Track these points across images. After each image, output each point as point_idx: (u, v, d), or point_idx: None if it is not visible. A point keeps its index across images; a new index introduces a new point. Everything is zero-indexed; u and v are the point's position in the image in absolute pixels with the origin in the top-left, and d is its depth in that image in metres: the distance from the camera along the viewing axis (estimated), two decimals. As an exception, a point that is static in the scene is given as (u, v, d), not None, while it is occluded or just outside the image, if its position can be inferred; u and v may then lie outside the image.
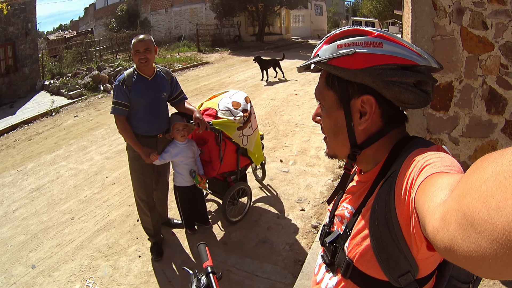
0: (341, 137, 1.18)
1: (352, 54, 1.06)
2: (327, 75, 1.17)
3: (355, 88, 1.11)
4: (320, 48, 1.16)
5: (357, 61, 1.06)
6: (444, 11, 3.07)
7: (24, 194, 6.50)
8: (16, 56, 16.40)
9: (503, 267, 0.47)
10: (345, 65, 1.07)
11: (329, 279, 1.24)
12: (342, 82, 1.12)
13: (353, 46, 1.08)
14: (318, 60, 1.12)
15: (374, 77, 1.06)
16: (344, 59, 1.07)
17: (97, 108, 12.76)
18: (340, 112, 1.15)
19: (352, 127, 1.15)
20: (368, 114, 1.12)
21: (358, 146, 1.17)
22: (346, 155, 1.22)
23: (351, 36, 1.10)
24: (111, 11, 39.71)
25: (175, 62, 21.05)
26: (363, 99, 1.11)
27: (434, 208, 0.67)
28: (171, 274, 4.13)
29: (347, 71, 1.07)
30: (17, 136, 10.56)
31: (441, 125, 3.32)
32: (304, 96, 12.15)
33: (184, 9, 35.52)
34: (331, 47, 1.11)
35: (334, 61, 1.09)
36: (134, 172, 4.27)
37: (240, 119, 4.40)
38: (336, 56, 1.08)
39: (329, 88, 1.17)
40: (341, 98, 1.14)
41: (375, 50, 1.06)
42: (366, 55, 1.06)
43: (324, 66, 1.12)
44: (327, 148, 1.29)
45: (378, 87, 1.07)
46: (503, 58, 3.02)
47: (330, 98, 1.17)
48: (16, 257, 4.62)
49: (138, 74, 4.00)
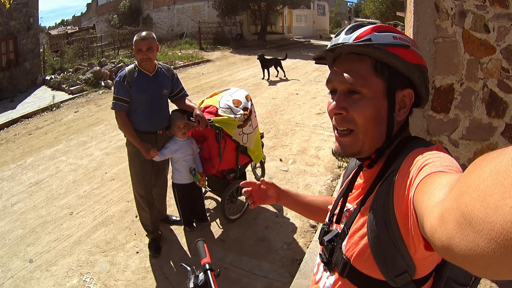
0: (380, 128, 1.14)
1: (408, 48, 1.10)
2: (375, 62, 1.11)
3: (401, 80, 1.13)
4: (366, 32, 1.11)
5: (412, 55, 1.10)
6: (446, 14, 3.07)
7: (23, 188, 6.50)
8: (18, 51, 16.38)
9: (501, 267, 0.48)
10: (403, 56, 1.08)
11: (326, 278, 1.24)
12: (392, 71, 1.11)
13: (406, 41, 1.11)
14: (378, 43, 1.08)
15: (420, 74, 1.13)
16: (402, 50, 1.08)
17: (97, 103, 12.76)
18: (385, 103, 1.12)
19: (393, 117, 1.14)
20: (407, 107, 1.15)
21: (392, 138, 1.15)
22: (374, 150, 1.16)
23: (395, 32, 1.13)
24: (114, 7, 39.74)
25: (176, 60, 21.04)
26: (405, 93, 1.14)
27: (433, 207, 0.68)
28: (168, 271, 4.14)
29: (404, 62, 1.09)
30: (17, 131, 10.56)
31: (441, 127, 3.32)
32: (305, 95, 12.15)
33: (186, 6, 35.49)
34: (386, 36, 1.10)
35: (393, 49, 1.07)
36: (133, 168, 4.27)
37: (240, 117, 4.39)
38: (396, 45, 1.08)
39: (378, 75, 1.12)
40: (389, 88, 1.12)
41: (418, 51, 1.14)
42: (416, 53, 1.12)
43: (379, 51, 1.07)
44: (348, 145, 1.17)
45: (419, 84, 1.14)
46: (505, 61, 3.02)
47: (377, 86, 1.12)
48: (13, 251, 4.62)
49: (139, 71, 4.01)
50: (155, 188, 4.55)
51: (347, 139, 1.16)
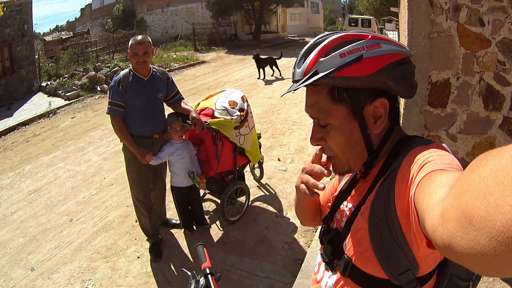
0: (358, 148, 1.14)
1: (360, 60, 1.02)
2: (331, 90, 1.10)
3: (366, 95, 1.08)
4: (312, 63, 1.07)
5: (367, 66, 1.03)
6: (440, 8, 3.07)
7: (22, 196, 6.49)
8: (13, 58, 16.35)
9: (502, 265, 0.48)
10: (355, 73, 1.03)
11: (328, 277, 1.24)
12: (352, 92, 1.08)
13: (357, 52, 1.03)
14: (323, 76, 1.04)
15: (385, 78, 1.05)
16: (353, 67, 1.02)
17: (94, 109, 12.74)
18: (355, 124, 1.11)
19: (368, 134, 1.12)
20: (383, 117, 1.11)
21: (375, 151, 1.15)
22: (361, 165, 1.17)
23: (347, 43, 1.05)
24: (107, 11, 39.70)
25: (171, 62, 20.98)
26: (376, 104, 1.10)
27: (433, 205, 0.68)
28: (170, 275, 4.13)
29: (359, 79, 1.03)
30: (15, 138, 10.54)
31: (439, 122, 3.32)
32: (301, 94, 11.96)
33: (180, 8, 35.47)
34: (332, 59, 1.04)
35: (342, 72, 1.02)
36: (130, 173, 4.26)
37: (237, 118, 4.39)
38: (343, 66, 1.02)
39: (337, 103, 1.10)
40: (354, 109, 1.10)
41: (378, 51, 1.05)
42: (373, 58, 1.03)
43: (330, 80, 1.04)
44: (336, 166, 1.22)
45: (390, 87, 1.07)
46: (500, 54, 3.01)
47: (340, 113, 1.10)
48: (15, 259, 4.61)
49: (134, 75, 4.00)
50: (154, 192, 4.54)
51: (335, 162, 1.21)
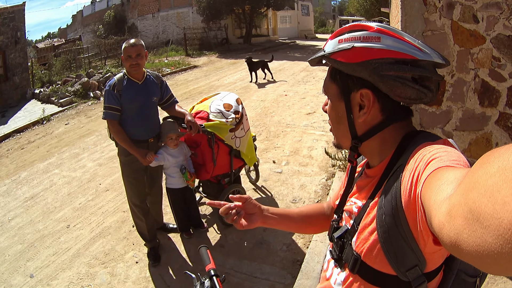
0: (342, 127, 1.24)
1: (350, 48, 1.11)
2: (332, 69, 1.22)
3: (354, 82, 1.15)
4: (326, 42, 1.21)
5: (355, 55, 1.10)
6: (434, 6, 3.09)
7: (19, 203, 6.45)
8: (6, 65, 16.30)
9: (509, 263, 0.47)
10: (344, 59, 1.12)
11: (337, 274, 1.25)
12: (343, 75, 1.17)
13: (352, 41, 1.12)
14: (322, 54, 1.20)
15: (370, 71, 1.09)
16: (343, 53, 1.12)
17: (87, 115, 12.68)
18: (341, 104, 1.20)
19: (352, 119, 1.19)
20: (367, 108, 1.15)
21: (359, 138, 1.21)
22: (348, 145, 1.26)
23: (353, 31, 1.14)
24: (99, 17, 39.72)
25: (163, 67, 20.93)
26: (362, 93, 1.15)
27: (440, 202, 0.67)
28: (169, 279, 4.11)
29: (345, 65, 1.12)
30: (10, 145, 10.50)
31: (434, 120, 3.34)
32: (294, 96, 12.17)
33: (171, 13, 35.49)
34: (334, 42, 1.17)
35: (335, 55, 1.14)
36: (126, 178, 4.25)
37: (232, 121, 4.39)
38: (337, 50, 1.14)
39: (332, 81, 1.22)
40: (342, 91, 1.19)
41: (372, 44, 1.09)
42: (363, 49, 1.09)
43: (327, 59, 1.18)
44: (334, 138, 1.33)
45: (374, 80, 1.10)
46: (495, 50, 3.04)
47: (333, 90, 1.22)
48: (14, 266, 4.58)
49: (128, 79, 3.99)
50: (150, 197, 4.53)
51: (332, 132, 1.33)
